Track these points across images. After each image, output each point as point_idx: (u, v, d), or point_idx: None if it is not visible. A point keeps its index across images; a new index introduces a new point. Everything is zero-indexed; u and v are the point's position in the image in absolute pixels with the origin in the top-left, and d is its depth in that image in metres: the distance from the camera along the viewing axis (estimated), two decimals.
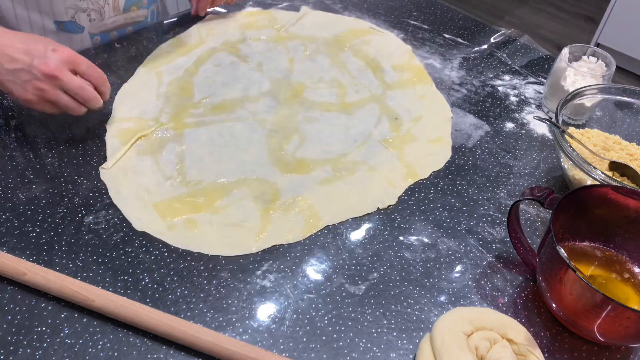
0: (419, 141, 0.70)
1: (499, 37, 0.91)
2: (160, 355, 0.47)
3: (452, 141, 0.70)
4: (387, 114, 0.74)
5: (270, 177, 0.64)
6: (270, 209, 0.60)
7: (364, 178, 0.64)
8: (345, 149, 0.68)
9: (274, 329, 0.49)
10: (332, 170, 0.65)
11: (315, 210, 0.60)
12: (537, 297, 0.54)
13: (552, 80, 0.74)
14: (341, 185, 0.63)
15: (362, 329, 0.50)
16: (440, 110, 0.75)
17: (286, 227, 0.58)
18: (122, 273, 0.53)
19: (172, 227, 0.57)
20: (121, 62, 0.79)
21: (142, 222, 0.58)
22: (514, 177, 0.66)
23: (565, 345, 0.50)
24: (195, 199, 0.60)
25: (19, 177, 0.61)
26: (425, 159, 0.67)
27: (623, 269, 0.53)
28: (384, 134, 0.71)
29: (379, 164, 0.66)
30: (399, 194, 0.63)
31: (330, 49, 0.84)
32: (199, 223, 0.58)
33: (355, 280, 0.54)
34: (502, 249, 0.58)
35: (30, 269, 0.50)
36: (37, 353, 0.46)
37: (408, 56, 0.84)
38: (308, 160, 0.66)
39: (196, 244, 0.56)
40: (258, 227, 0.58)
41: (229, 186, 0.62)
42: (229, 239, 0.57)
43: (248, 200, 0.61)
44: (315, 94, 0.76)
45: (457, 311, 0.49)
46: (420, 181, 0.65)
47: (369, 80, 0.79)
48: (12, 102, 0.70)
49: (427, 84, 0.79)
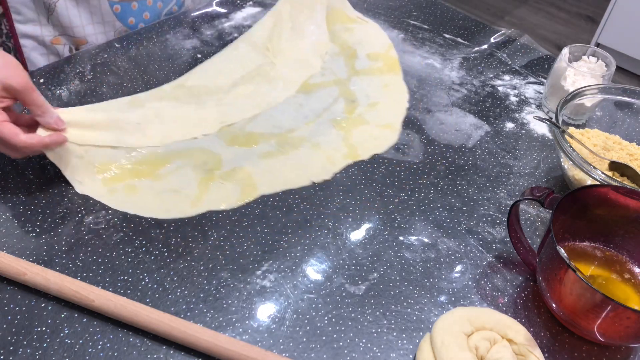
0: (369, 125, 0.72)
1: (499, 37, 0.91)
2: (160, 355, 0.47)
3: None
4: (345, 96, 0.75)
5: (214, 148, 0.66)
6: (210, 177, 0.62)
7: (305, 154, 0.66)
8: (294, 125, 0.70)
9: (274, 329, 0.49)
10: (276, 144, 0.67)
11: (253, 180, 0.62)
12: (537, 297, 0.54)
13: (552, 80, 0.74)
14: (282, 159, 0.65)
15: (362, 329, 0.50)
16: (399, 99, 0.76)
17: (222, 194, 0.61)
18: (122, 273, 0.53)
19: (113, 191, 0.60)
20: (121, 62, 0.79)
21: (84, 186, 0.60)
22: (514, 177, 0.66)
23: (565, 345, 0.50)
24: (138, 166, 0.63)
25: (19, 177, 0.61)
26: (370, 142, 0.69)
27: (623, 269, 0.53)
28: (336, 115, 0.72)
29: (324, 142, 0.68)
30: (336, 170, 0.65)
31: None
32: (139, 188, 0.60)
33: (355, 280, 0.54)
34: (502, 249, 0.58)
35: (30, 269, 0.50)
36: (37, 353, 0.46)
37: (387, 47, 0.85)
38: (256, 134, 0.69)
39: (134, 207, 0.58)
40: (195, 194, 0.60)
41: (172, 155, 0.65)
42: (166, 204, 0.59)
43: (188, 168, 0.63)
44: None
45: (457, 311, 0.49)
46: (420, 181, 0.65)
47: (339, 65, 0.81)
48: None
49: (396, 74, 0.80)
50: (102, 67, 0.78)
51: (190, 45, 0.83)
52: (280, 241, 0.57)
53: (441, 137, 0.71)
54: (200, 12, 0.90)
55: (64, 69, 0.76)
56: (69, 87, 0.74)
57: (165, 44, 0.83)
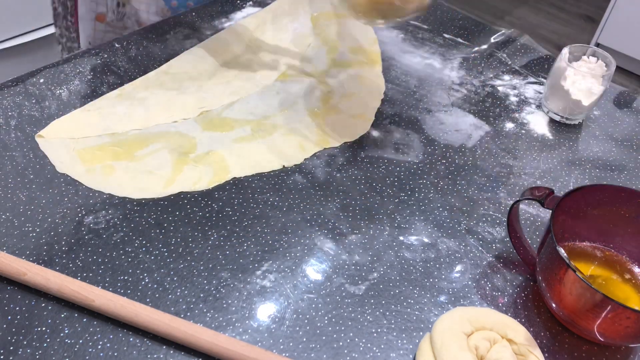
0: (342, 114, 0.73)
1: (499, 37, 0.91)
2: (160, 355, 0.47)
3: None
4: (322, 87, 0.77)
5: (191, 133, 0.68)
6: (184, 160, 0.64)
7: (278, 140, 0.68)
8: (269, 111, 0.72)
9: (274, 329, 0.49)
10: (251, 130, 0.69)
11: (225, 163, 0.64)
12: (537, 297, 0.54)
13: (552, 80, 0.74)
14: (255, 144, 0.67)
15: (362, 329, 0.50)
16: (374, 91, 0.78)
17: (195, 176, 0.63)
18: (122, 273, 0.53)
19: (91, 171, 0.62)
20: (121, 62, 0.79)
21: (64, 165, 0.62)
22: (514, 177, 0.66)
23: (565, 345, 0.50)
24: (117, 147, 0.65)
25: (19, 177, 0.61)
26: (342, 131, 0.71)
27: (623, 269, 0.53)
28: (311, 104, 0.74)
29: (297, 129, 0.70)
30: (307, 156, 0.67)
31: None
32: (116, 169, 0.63)
33: (355, 280, 0.54)
34: (502, 249, 0.58)
35: (30, 269, 0.50)
36: (37, 353, 0.46)
37: (371, 41, 0.87)
38: (232, 119, 0.70)
39: (109, 187, 0.61)
40: (169, 175, 0.62)
41: (151, 138, 0.67)
42: (140, 184, 0.61)
43: (165, 151, 0.65)
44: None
45: (457, 311, 0.49)
46: (420, 181, 0.65)
47: (320, 57, 0.83)
48: (12, 102, 0.70)
49: (376, 67, 0.82)
50: (102, 67, 0.78)
51: (190, 45, 0.83)
52: (280, 241, 0.57)
53: (441, 137, 0.71)
54: (200, 12, 0.90)
55: (64, 69, 0.76)
56: (69, 87, 0.74)
57: (165, 44, 0.83)
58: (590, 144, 0.72)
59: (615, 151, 0.71)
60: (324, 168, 0.66)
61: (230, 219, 0.59)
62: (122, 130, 0.68)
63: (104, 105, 0.71)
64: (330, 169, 0.66)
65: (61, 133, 0.66)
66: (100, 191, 0.61)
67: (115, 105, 0.71)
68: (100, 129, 0.67)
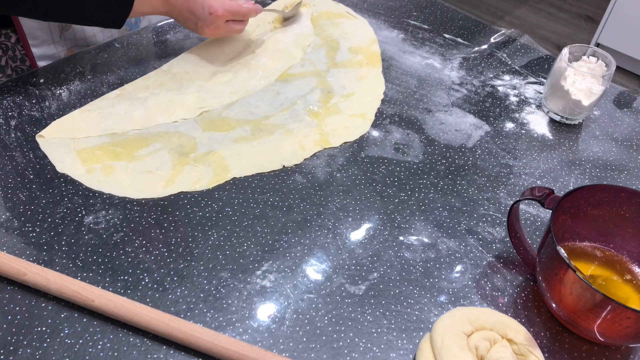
0: (342, 114, 0.73)
1: (499, 37, 0.91)
2: (160, 355, 0.47)
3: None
4: (322, 87, 0.77)
5: (191, 133, 0.68)
6: (184, 160, 0.64)
7: (278, 139, 0.68)
8: (269, 112, 0.72)
9: (274, 329, 0.49)
10: (251, 130, 0.70)
11: (225, 163, 0.64)
12: (537, 297, 0.54)
13: (552, 80, 0.74)
14: (255, 144, 0.68)
15: (362, 329, 0.50)
16: (374, 91, 0.78)
17: (195, 176, 0.63)
18: (122, 273, 0.53)
19: (91, 171, 0.62)
20: (121, 62, 0.79)
21: (64, 165, 0.62)
22: (514, 177, 0.66)
23: (565, 345, 0.50)
24: (117, 147, 0.65)
25: (19, 177, 0.61)
26: (342, 131, 0.71)
27: (623, 269, 0.53)
28: (311, 103, 0.74)
29: (297, 129, 0.70)
30: (307, 156, 0.67)
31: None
32: (116, 169, 0.63)
33: (355, 280, 0.54)
34: (502, 249, 0.58)
35: (30, 269, 0.50)
36: (37, 353, 0.46)
37: (370, 41, 0.87)
38: (232, 119, 0.71)
39: (109, 187, 0.61)
40: (169, 175, 0.62)
41: (151, 138, 0.67)
42: (140, 184, 0.61)
43: (164, 151, 0.65)
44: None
45: (457, 311, 0.49)
46: (420, 181, 0.65)
47: (319, 57, 0.83)
48: (12, 102, 0.70)
49: (376, 67, 0.82)
50: (102, 67, 0.78)
51: (190, 45, 0.83)
52: (280, 241, 0.57)
53: (441, 137, 0.71)
54: None
55: (64, 69, 0.76)
56: (69, 87, 0.74)
57: (165, 44, 0.83)
58: (590, 144, 0.72)
59: (615, 151, 0.71)
60: (324, 168, 0.66)
61: (230, 219, 0.59)
62: (122, 130, 0.68)
63: (104, 105, 0.71)
64: (330, 169, 0.66)
65: (61, 133, 0.66)
66: (100, 191, 0.61)
67: (115, 105, 0.71)
68: (100, 129, 0.67)
